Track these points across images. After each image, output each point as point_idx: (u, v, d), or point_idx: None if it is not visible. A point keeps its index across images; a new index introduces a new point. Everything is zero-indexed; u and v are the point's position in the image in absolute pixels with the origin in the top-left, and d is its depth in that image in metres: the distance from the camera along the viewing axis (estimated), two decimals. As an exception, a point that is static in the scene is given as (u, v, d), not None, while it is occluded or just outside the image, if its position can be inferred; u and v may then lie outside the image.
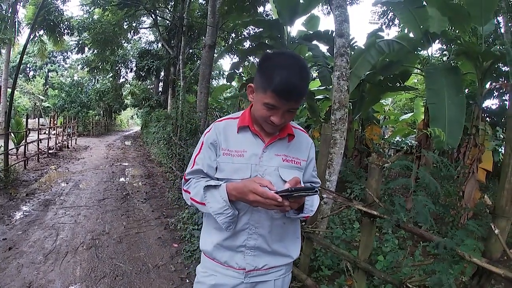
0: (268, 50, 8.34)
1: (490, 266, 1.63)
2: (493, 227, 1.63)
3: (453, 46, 6.84)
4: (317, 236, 3.00)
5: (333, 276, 3.68)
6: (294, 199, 1.23)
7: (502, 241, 1.60)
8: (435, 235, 1.99)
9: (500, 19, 9.67)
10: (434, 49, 10.54)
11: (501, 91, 8.95)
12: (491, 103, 10.45)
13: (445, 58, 9.56)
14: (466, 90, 8.67)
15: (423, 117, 7.03)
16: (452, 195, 5.71)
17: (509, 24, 9.53)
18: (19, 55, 8.12)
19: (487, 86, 6.28)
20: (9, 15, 18.35)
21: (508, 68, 5.19)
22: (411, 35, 7.30)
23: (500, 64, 6.32)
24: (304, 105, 9.35)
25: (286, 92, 1.25)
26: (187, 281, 3.77)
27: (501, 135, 7.80)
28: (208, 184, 1.37)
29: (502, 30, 9.34)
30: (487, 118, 8.94)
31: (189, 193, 1.46)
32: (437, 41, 7.07)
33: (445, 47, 8.48)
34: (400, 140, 10.65)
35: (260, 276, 1.49)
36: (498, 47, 5.91)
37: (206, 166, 1.46)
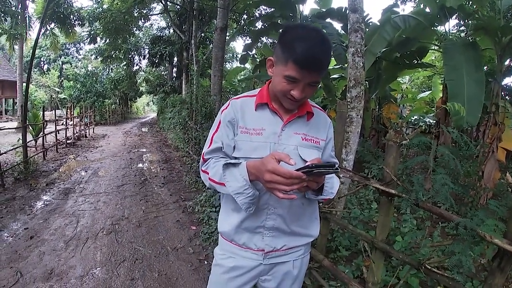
0: (281, 30, 8.21)
1: (512, 247, 1.58)
2: (515, 206, 1.58)
3: (470, 21, 6.61)
4: (334, 217, 2.97)
5: (351, 256, 3.68)
6: (314, 176, 1.17)
7: (524, 221, 1.55)
8: (454, 216, 1.93)
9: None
10: (451, 24, 10.19)
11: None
12: (510, 80, 10.13)
13: (463, 34, 9.27)
14: (485, 67, 8.40)
15: (442, 95, 6.86)
16: (471, 175, 5.59)
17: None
18: (32, 50, 8.20)
19: (507, 62, 6.07)
20: (19, 10, 18.51)
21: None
22: (427, 10, 7.06)
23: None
24: (320, 85, 9.23)
25: (308, 63, 1.20)
26: (205, 262, 3.83)
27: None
28: (227, 162, 1.32)
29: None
30: (507, 96, 8.68)
31: (208, 173, 1.40)
32: (454, 16, 6.83)
33: (462, 22, 8.20)
34: (418, 118, 10.45)
35: (279, 257, 1.49)
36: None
37: (224, 145, 1.43)
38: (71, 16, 19.01)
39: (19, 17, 18.60)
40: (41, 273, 3.48)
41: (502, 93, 5.65)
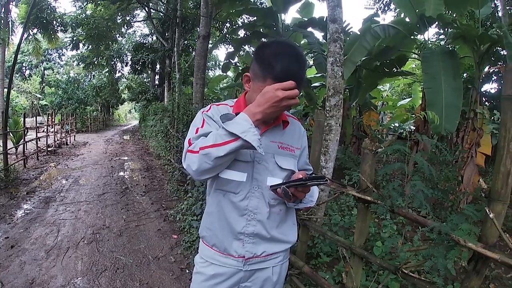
0: (263, 39, 8.30)
1: (486, 251, 1.61)
2: (487, 211, 1.62)
3: (449, 30, 6.78)
4: (314, 223, 3.00)
5: (332, 262, 3.71)
6: (304, 187, 1.25)
7: (497, 225, 1.59)
8: (434, 220, 1.98)
9: (497, 1, 9.55)
10: (431, 33, 10.42)
11: (499, 75, 8.90)
12: (490, 87, 10.43)
13: (442, 43, 9.49)
14: (465, 75, 8.61)
15: (421, 102, 7.00)
16: (451, 180, 5.70)
17: (507, 8, 9.42)
18: (14, 55, 8.09)
19: (485, 70, 6.23)
20: (2, 15, 18.19)
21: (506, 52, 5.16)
22: (407, 19, 7.22)
23: (498, 48, 6.25)
24: (301, 93, 9.30)
25: (286, 79, 1.21)
26: (187, 271, 3.82)
27: (499, 119, 7.76)
28: (223, 115, 1.28)
29: (500, 13, 9.23)
30: (486, 103, 8.91)
31: (197, 152, 1.26)
32: (434, 25, 7.00)
33: (441, 31, 8.39)
34: (398, 125, 10.65)
35: (259, 264, 1.50)
36: (495, 30, 5.83)
37: None
38: (54, 22, 18.74)
39: (2, 21, 18.25)
40: (22, 282, 3.43)
41: (481, 99, 5.79)
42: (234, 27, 14.85)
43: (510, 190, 1.63)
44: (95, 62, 24.18)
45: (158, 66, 23.65)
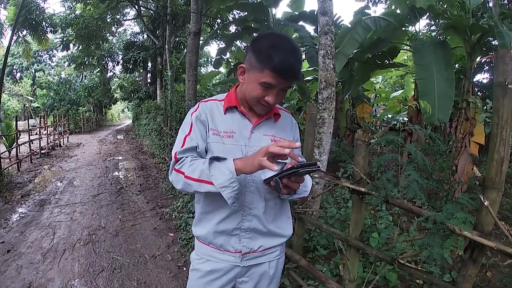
0: (254, 34, 8.26)
1: (482, 239, 1.61)
2: (482, 199, 1.61)
3: (440, 21, 6.78)
4: (309, 217, 3.00)
5: (329, 255, 3.72)
6: (297, 176, 1.25)
7: (492, 213, 1.59)
8: (429, 210, 1.98)
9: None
10: (422, 25, 10.40)
11: (491, 64, 8.94)
12: (482, 77, 10.48)
13: (433, 34, 9.49)
14: (457, 65, 8.62)
15: (413, 93, 7.01)
16: (445, 170, 5.73)
17: (497, -3, 9.42)
18: (4, 58, 8.00)
19: (477, 60, 6.24)
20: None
21: (497, 42, 5.17)
22: (398, 11, 7.21)
23: (489, 38, 6.26)
24: (294, 87, 9.29)
25: (284, 70, 1.25)
26: (184, 269, 3.82)
27: (492, 108, 7.79)
28: (213, 157, 1.29)
29: (490, 4, 9.25)
30: (478, 92, 8.95)
31: (183, 173, 1.32)
32: (425, 16, 6.99)
33: (432, 22, 8.40)
34: (391, 117, 10.67)
35: (256, 259, 1.50)
36: (486, 20, 5.84)
37: (200, 144, 1.40)
38: (43, 23, 18.50)
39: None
40: (19, 287, 3.42)
41: (474, 89, 5.80)
42: (225, 22, 14.74)
43: (505, 177, 1.63)
44: (86, 62, 24.02)
45: (149, 64, 23.46)
